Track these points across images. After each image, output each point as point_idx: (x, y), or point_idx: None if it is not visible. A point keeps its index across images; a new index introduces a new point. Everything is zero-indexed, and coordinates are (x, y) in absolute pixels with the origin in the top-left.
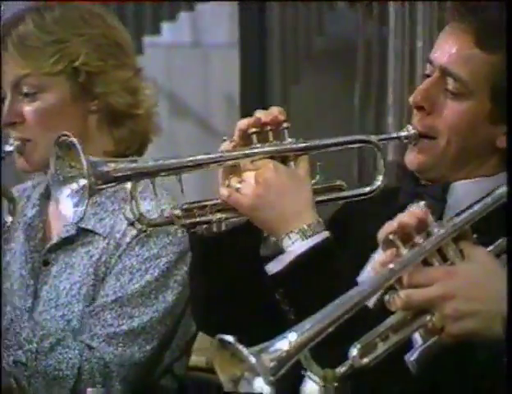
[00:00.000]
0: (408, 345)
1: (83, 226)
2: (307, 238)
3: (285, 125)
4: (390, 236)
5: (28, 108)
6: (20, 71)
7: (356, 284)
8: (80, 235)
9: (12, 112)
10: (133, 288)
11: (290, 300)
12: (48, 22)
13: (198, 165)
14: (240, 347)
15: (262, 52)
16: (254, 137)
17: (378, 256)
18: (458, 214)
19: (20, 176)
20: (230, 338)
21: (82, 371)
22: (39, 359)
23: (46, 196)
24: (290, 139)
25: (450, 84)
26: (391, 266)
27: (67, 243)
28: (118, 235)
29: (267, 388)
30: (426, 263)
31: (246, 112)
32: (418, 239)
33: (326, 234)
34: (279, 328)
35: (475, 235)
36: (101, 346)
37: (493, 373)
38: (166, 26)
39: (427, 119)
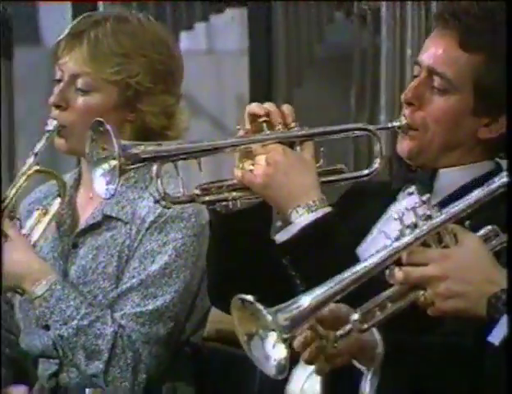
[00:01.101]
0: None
1: (107, 213)
2: (312, 212)
3: (292, 124)
4: (396, 216)
5: (76, 99)
6: (83, 67)
7: (354, 254)
8: (104, 221)
9: (62, 96)
10: (154, 269)
11: (296, 265)
12: (122, 34)
13: (215, 149)
14: (259, 306)
15: (269, 58)
16: (264, 125)
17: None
18: (446, 201)
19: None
20: (250, 298)
21: (115, 346)
22: (79, 334)
23: (75, 187)
24: (296, 127)
25: (437, 82)
26: (396, 244)
27: (94, 228)
28: (138, 221)
29: (279, 348)
30: (424, 243)
31: None
32: (419, 222)
33: (329, 209)
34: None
35: (468, 222)
36: (129, 325)
37: (474, 347)
38: (184, 35)
39: (417, 113)
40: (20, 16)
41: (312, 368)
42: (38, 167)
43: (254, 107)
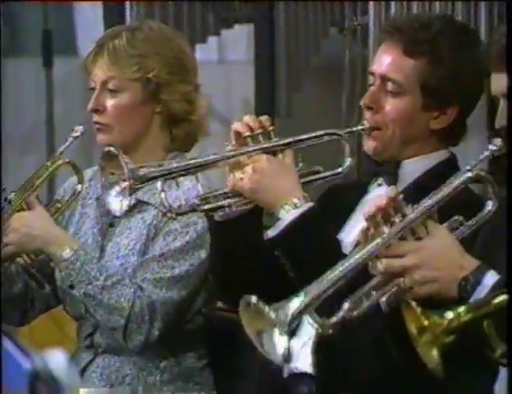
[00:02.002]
0: None
1: (140, 198)
2: (297, 208)
3: (271, 128)
4: (371, 213)
5: (109, 101)
6: (109, 73)
7: (338, 242)
8: (137, 205)
9: (98, 101)
10: (175, 246)
11: (287, 255)
12: (136, 40)
13: (209, 164)
14: (262, 305)
15: (272, 67)
16: (249, 139)
17: (362, 226)
18: (411, 187)
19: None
20: (253, 299)
21: (135, 305)
22: (104, 292)
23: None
24: (276, 138)
25: (389, 86)
26: (378, 241)
27: (128, 210)
28: (165, 206)
29: (282, 339)
30: (401, 237)
31: (259, 114)
32: (396, 218)
33: (311, 204)
34: (280, 288)
35: (436, 215)
36: (149, 288)
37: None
38: (198, 47)
39: (376, 116)
40: (59, 30)
41: (306, 338)
42: (64, 160)
43: (238, 126)
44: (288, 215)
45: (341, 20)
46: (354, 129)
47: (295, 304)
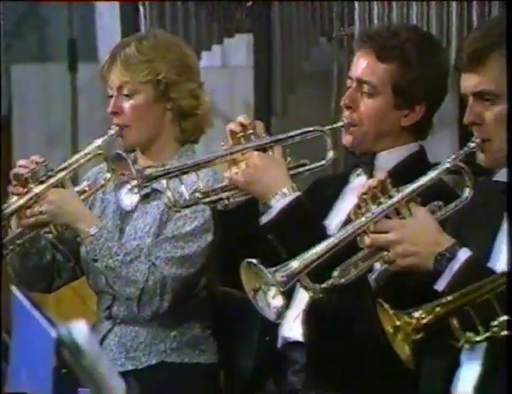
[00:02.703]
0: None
1: (155, 187)
2: (286, 197)
3: (263, 134)
4: (363, 195)
5: (126, 104)
6: (123, 79)
7: (323, 226)
8: (152, 193)
9: (116, 105)
10: (186, 229)
11: (279, 238)
12: (144, 48)
13: (207, 162)
14: (262, 267)
15: (269, 71)
16: (242, 139)
17: (352, 207)
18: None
19: None
20: (255, 260)
21: (148, 279)
22: (123, 267)
23: (134, 161)
24: (265, 136)
25: (365, 88)
26: (367, 215)
27: (144, 198)
28: (177, 194)
29: (277, 299)
30: (385, 216)
31: (258, 113)
32: (383, 199)
33: (299, 194)
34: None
35: (419, 198)
36: (161, 265)
37: (424, 290)
38: (204, 54)
39: (353, 114)
40: (82, 39)
41: (299, 310)
42: (99, 151)
43: (232, 126)
44: (278, 203)
45: (330, 31)
46: (335, 125)
47: (292, 266)
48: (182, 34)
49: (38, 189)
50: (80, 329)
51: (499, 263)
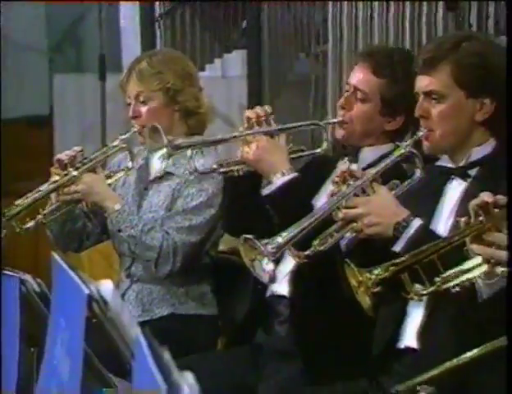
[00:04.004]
0: None
1: (167, 170)
2: (285, 175)
3: (271, 117)
4: (336, 179)
5: (142, 109)
6: (138, 89)
7: (311, 203)
8: (165, 175)
9: (134, 111)
10: (193, 204)
11: (276, 209)
12: (153, 63)
13: (225, 140)
14: (256, 241)
15: (260, 81)
16: (255, 124)
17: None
18: (367, 168)
19: None
20: (250, 236)
21: (163, 245)
22: (142, 235)
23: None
24: (274, 125)
25: (359, 95)
26: (339, 195)
27: (158, 179)
28: (185, 176)
29: (268, 265)
30: (354, 194)
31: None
32: (351, 181)
33: (296, 174)
34: (268, 232)
35: (380, 179)
36: (173, 234)
37: (385, 251)
38: (207, 66)
39: (347, 114)
40: (110, 54)
41: (286, 270)
42: (123, 145)
43: (249, 113)
44: (278, 180)
45: (308, 48)
46: (331, 121)
47: (279, 240)
48: (190, 50)
49: (74, 172)
50: (106, 287)
51: (438, 230)
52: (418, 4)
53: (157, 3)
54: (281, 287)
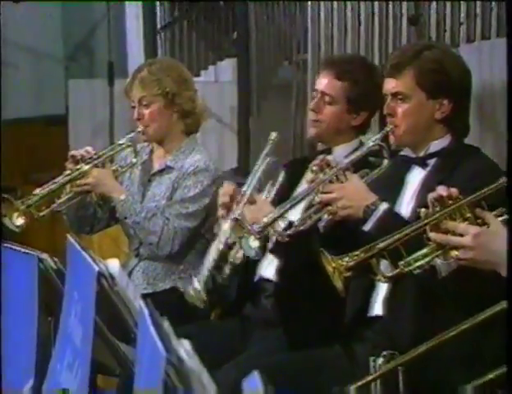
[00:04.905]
0: None
1: (168, 164)
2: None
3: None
4: (314, 168)
5: (145, 112)
6: (141, 94)
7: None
8: (166, 168)
9: (138, 113)
10: (190, 194)
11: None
12: (153, 70)
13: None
14: (244, 222)
15: (248, 85)
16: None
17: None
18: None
19: None
20: (239, 217)
21: (163, 230)
22: (145, 221)
23: (150, 153)
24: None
25: (326, 98)
26: (317, 181)
27: (160, 172)
28: (183, 170)
29: (254, 242)
30: (330, 181)
31: (240, 115)
32: (327, 171)
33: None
34: None
35: (352, 168)
36: (172, 220)
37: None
38: (202, 72)
39: (318, 116)
40: (118, 61)
41: (271, 257)
42: (129, 143)
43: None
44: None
45: (290, 56)
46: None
47: (264, 220)
48: (187, 58)
49: (85, 167)
50: (113, 265)
51: (401, 212)
52: (385, 18)
53: (158, 18)
54: (267, 271)
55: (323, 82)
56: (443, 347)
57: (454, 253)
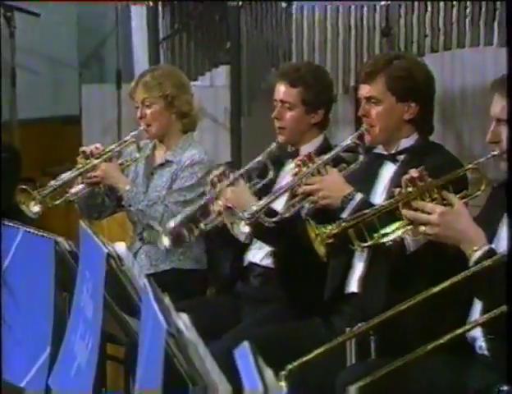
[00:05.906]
0: None
1: (168, 158)
2: None
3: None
4: (298, 162)
5: (147, 112)
6: (143, 96)
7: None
8: (166, 162)
9: (141, 113)
10: (187, 184)
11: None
12: (155, 75)
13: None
14: (235, 210)
15: (239, 88)
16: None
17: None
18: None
19: None
20: (231, 205)
21: (164, 216)
22: (147, 209)
23: (153, 148)
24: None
25: (286, 105)
26: (300, 174)
27: (161, 165)
28: (181, 163)
29: (244, 227)
30: (312, 174)
31: (233, 114)
32: (310, 165)
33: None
34: None
35: (332, 163)
36: (172, 206)
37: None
38: (200, 77)
39: (281, 122)
40: (125, 67)
41: (260, 244)
42: (133, 140)
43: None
44: None
45: (277, 63)
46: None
47: (253, 208)
48: (186, 65)
49: (95, 161)
50: (120, 247)
51: (374, 202)
52: (361, 30)
53: (161, 30)
54: (256, 257)
55: (281, 91)
56: (406, 315)
57: (422, 228)
